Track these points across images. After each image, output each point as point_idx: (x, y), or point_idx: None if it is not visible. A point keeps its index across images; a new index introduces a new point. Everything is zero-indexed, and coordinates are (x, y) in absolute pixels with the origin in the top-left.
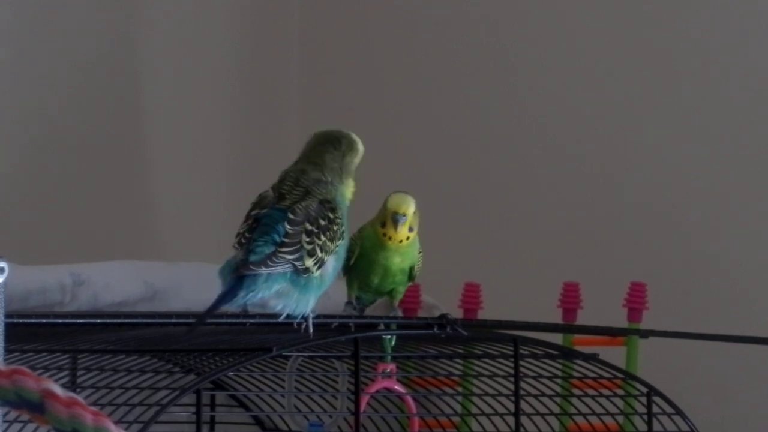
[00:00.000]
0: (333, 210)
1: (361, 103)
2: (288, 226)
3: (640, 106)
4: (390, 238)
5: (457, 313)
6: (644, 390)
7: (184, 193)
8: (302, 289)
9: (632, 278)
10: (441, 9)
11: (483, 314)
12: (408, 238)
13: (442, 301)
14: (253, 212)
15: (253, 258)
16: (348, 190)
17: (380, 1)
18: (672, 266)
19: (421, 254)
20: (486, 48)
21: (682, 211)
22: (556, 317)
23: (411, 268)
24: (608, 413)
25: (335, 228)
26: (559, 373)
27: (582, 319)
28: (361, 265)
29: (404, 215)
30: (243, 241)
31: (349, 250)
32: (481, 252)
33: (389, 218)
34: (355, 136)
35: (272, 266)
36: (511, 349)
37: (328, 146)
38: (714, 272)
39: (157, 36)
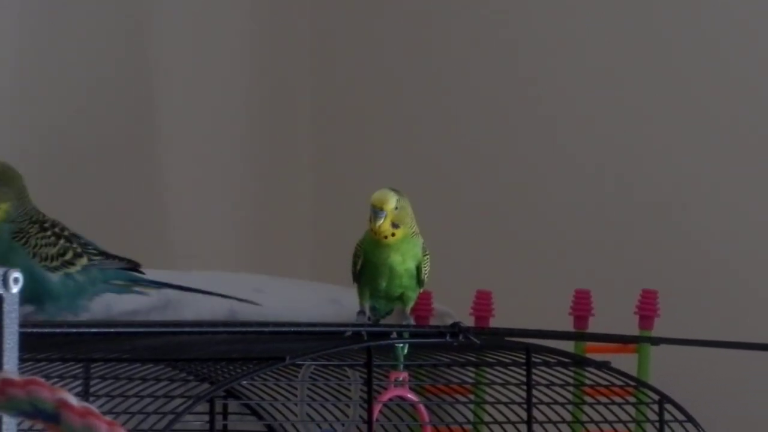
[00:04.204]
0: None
1: (373, 110)
2: None
3: (653, 113)
4: (375, 234)
5: (468, 321)
6: (656, 397)
7: (197, 202)
8: None
9: (643, 285)
10: (455, 13)
11: (494, 322)
12: (393, 235)
13: (453, 308)
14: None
15: None
16: None
17: (392, 1)
18: (683, 273)
19: (428, 256)
20: (500, 56)
21: (693, 218)
22: (567, 325)
23: (418, 271)
24: (620, 421)
25: None
26: (570, 380)
27: (593, 326)
28: (367, 270)
29: (382, 210)
30: None
31: (355, 255)
32: (493, 259)
33: (370, 212)
34: None
35: None
36: (524, 357)
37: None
38: (726, 279)
39: (169, 49)
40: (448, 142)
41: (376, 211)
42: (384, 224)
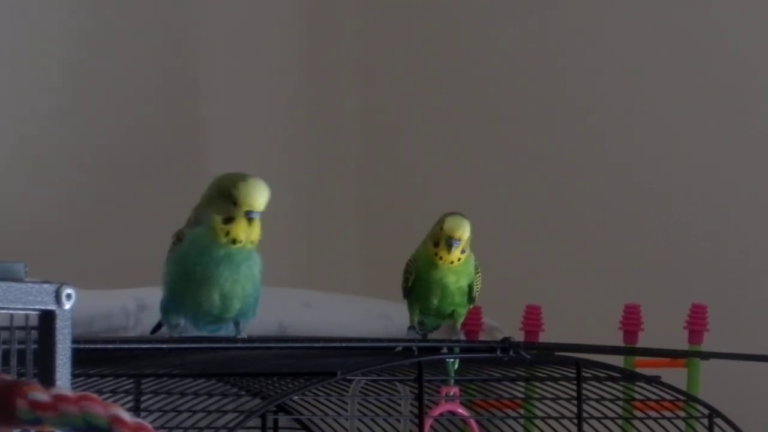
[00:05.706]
0: None
1: (420, 125)
2: None
3: (701, 129)
4: (441, 258)
5: (518, 336)
6: (706, 412)
7: None
8: None
9: (693, 300)
10: (501, 33)
11: (544, 336)
12: (459, 260)
13: (503, 323)
14: None
15: None
16: None
17: (440, 6)
18: (733, 287)
19: (479, 274)
20: (550, 74)
21: (743, 232)
22: (616, 339)
23: (470, 289)
24: None
25: None
26: (621, 395)
27: (643, 341)
28: (418, 287)
29: (459, 240)
30: None
31: (407, 272)
32: (542, 274)
33: (443, 241)
34: None
35: None
36: (574, 371)
37: None
38: None
39: (217, 74)
40: (496, 158)
41: (453, 241)
42: (455, 252)
